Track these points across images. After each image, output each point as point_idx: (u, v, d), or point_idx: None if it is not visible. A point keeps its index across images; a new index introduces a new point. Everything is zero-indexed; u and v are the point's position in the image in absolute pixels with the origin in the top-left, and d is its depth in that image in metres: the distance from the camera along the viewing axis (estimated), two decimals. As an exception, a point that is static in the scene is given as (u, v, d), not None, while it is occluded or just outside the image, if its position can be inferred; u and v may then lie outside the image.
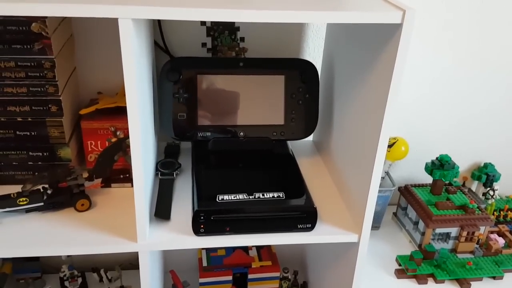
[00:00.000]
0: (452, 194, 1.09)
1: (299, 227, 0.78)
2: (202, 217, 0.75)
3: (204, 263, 1.09)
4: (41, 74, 0.80)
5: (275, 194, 0.79)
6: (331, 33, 0.96)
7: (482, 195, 1.20)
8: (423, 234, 1.05)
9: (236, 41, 1.01)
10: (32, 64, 0.79)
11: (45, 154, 0.86)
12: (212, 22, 0.98)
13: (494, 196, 1.19)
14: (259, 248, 1.14)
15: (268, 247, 1.15)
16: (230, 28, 0.99)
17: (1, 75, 0.79)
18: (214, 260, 1.10)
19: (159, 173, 0.90)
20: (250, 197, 0.78)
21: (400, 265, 1.03)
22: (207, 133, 0.93)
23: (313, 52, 1.05)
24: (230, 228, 0.77)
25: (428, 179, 1.12)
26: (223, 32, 0.99)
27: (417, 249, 1.06)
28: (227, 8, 0.60)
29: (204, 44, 1.00)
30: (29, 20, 0.76)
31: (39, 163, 0.86)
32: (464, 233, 1.03)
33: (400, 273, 1.01)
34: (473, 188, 1.24)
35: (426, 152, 1.17)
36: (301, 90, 0.94)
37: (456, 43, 1.08)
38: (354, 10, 0.63)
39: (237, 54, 1.01)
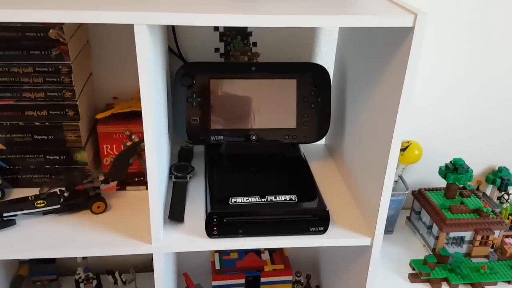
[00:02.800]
0: (466, 198, 1.08)
1: (311, 230, 0.79)
2: (215, 220, 0.76)
3: (217, 266, 1.09)
4: (59, 80, 0.82)
5: (288, 197, 0.80)
6: (343, 37, 0.97)
7: (497, 199, 1.19)
8: (437, 238, 1.04)
9: (248, 46, 1.02)
10: (50, 69, 0.81)
11: (62, 157, 0.88)
12: (225, 28, 1.00)
13: (508, 200, 1.18)
14: (271, 251, 1.14)
15: (281, 250, 1.15)
16: (242, 33, 1.01)
17: (19, 81, 0.81)
18: (226, 263, 1.10)
19: (173, 176, 0.91)
20: (263, 199, 0.79)
21: (413, 269, 1.03)
22: (220, 136, 0.93)
23: (325, 56, 1.06)
24: (243, 231, 0.78)
25: (442, 183, 1.11)
26: (235, 37, 1.01)
27: (431, 253, 1.06)
28: (240, 14, 0.61)
29: (217, 49, 1.01)
30: (46, 26, 0.78)
31: (56, 166, 0.88)
32: (479, 237, 1.02)
33: (414, 278, 1.00)
34: (488, 192, 1.22)
35: (440, 155, 1.16)
36: (313, 93, 0.94)
37: (470, 45, 1.08)
38: (366, 14, 0.64)
39: (250, 58, 1.02)
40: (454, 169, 1.06)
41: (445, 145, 1.18)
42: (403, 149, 1.06)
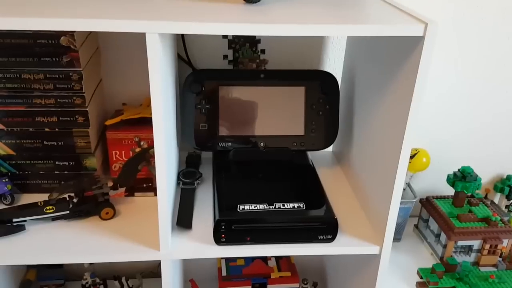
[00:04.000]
0: (474, 206, 1.08)
1: (319, 238, 0.78)
2: (223, 227, 0.76)
3: (224, 273, 1.09)
4: (69, 86, 0.82)
5: (296, 205, 0.80)
6: (352, 45, 0.97)
7: (505, 207, 1.18)
8: (445, 246, 1.04)
9: (257, 53, 1.02)
10: (60, 76, 0.82)
11: (71, 163, 0.88)
12: (233, 35, 1.00)
13: (517, 209, 1.17)
14: (278, 258, 1.14)
15: (288, 257, 1.15)
16: (251, 41, 1.01)
17: (30, 87, 0.82)
18: (233, 270, 1.10)
19: (181, 182, 0.91)
20: (271, 207, 0.79)
21: (421, 277, 1.02)
22: (228, 143, 0.94)
23: (333, 63, 1.06)
24: (251, 238, 0.78)
25: (450, 191, 1.11)
26: (244, 45, 1.01)
27: (439, 261, 1.05)
28: (249, 23, 0.62)
29: (225, 56, 1.02)
30: (58, 33, 0.79)
31: (66, 172, 0.89)
32: (487, 246, 1.02)
33: (422, 286, 1.00)
34: (496, 201, 1.22)
35: (448, 163, 1.15)
36: (321, 101, 0.94)
37: (477, 52, 1.08)
38: (375, 23, 0.64)
39: (258, 66, 1.03)
40: (462, 177, 1.05)
41: (453, 153, 1.18)
42: (411, 157, 1.05)
